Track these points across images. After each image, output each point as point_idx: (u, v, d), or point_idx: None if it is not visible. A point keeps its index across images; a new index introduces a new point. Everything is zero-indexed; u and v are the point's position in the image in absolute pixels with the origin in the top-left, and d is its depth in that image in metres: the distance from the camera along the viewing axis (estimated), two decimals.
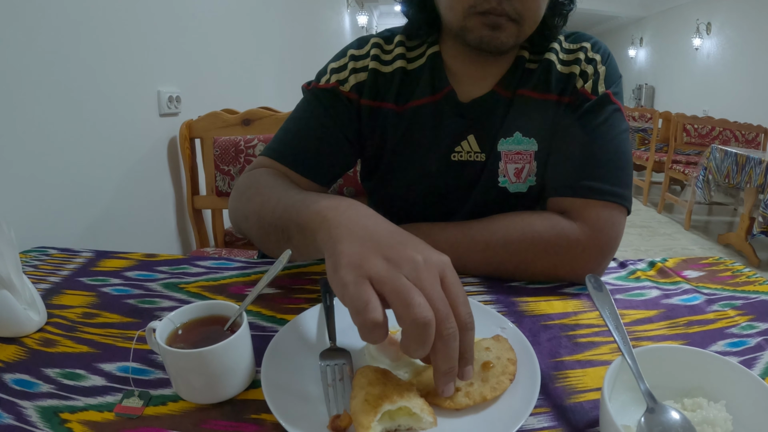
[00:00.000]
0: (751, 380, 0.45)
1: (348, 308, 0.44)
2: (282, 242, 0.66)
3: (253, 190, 0.78)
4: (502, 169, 0.86)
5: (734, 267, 0.90)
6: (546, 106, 0.85)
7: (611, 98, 0.83)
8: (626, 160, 0.82)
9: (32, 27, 1.20)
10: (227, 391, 0.51)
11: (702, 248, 3.87)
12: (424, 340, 0.42)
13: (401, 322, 0.42)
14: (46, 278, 0.81)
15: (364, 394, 0.45)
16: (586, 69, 0.85)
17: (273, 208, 0.69)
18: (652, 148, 5.04)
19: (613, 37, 10.52)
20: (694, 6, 7.14)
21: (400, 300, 0.43)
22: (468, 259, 0.79)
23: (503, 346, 0.55)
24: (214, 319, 0.54)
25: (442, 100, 0.86)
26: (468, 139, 0.87)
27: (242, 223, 0.79)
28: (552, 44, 0.87)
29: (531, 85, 0.85)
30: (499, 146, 0.86)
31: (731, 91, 6.30)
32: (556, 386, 0.54)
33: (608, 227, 0.78)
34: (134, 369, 0.56)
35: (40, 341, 0.63)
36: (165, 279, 0.80)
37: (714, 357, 0.48)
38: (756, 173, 3.24)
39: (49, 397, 0.52)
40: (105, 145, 1.51)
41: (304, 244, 0.61)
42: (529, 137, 0.86)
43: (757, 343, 0.64)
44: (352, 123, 0.88)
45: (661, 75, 8.34)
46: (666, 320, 0.70)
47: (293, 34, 3.31)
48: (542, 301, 0.74)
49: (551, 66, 0.85)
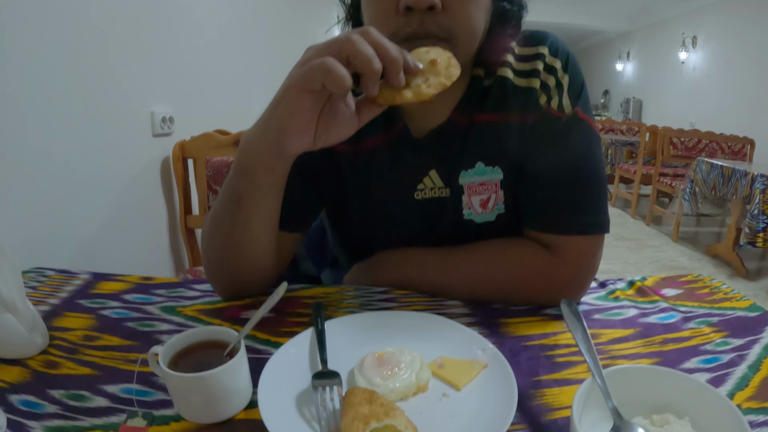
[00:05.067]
0: (714, 396, 0.48)
1: (305, 73, 0.54)
2: (233, 208, 0.71)
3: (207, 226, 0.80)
4: (466, 202, 0.83)
5: (712, 284, 0.92)
6: (508, 130, 0.79)
7: (580, 115, 0.77)
8: (601, 181, 0.79)
9: (28, 50, 1.24)
10: (226, 411, 0.54)
11: (690, 260, 3.92)
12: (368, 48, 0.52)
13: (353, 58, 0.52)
14: (45, 300, 0.83)
15: (354, 413, 0.49)
16: (547, 81, 0.77)
17: (214, 204, 0.76)
18: (639, 161, 5.12)
19: (601, 52, 10.66)
20: (680, 20, 7.25)
21: (338, 45, 0.53)
22: (452, 288, 0.82)
23: (441, 50, 0.61)
24: (213, 344, 0.57)
25: (397, 137, 0.82)
26: (430, 174, 0.83)
27: (209, 253, 0.80)
28: (505, 56, 0.80)
29: (488, 108, 0.79)
30: (461, 179, 0.82)
31: (717, 104, 6.39)
32: (534, 404, 0.57)
33: (587, 258, 0.79)
34: (138, 391, 0.59)
35: (44, 363, 0.65)
36: (162, 302, 0.83)
37: (679, 375, 0.51)
38: (742, 185, 3.30)
39: (56, 417, 0.54)
40: (100, 164, 1.54)
41: (248, 174, 0.67)
42: (493, 166, 0.81)
43: (731, 359, 0.66)
44: (308, 168, 0.82)
45: (649, 88, 8.45)
46: (642, 339, 0.72)
47: (284, 54, 3.34)
48: (523, 322, 0.76)
49: (506, 82, 0.79)
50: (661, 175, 4.82)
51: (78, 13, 1.41)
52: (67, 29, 1.37)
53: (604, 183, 0.80)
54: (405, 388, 0.56)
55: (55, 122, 1.35)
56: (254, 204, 0.70)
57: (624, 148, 5.82)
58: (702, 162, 3.82)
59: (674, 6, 7.26)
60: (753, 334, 0.73)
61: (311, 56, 0.55)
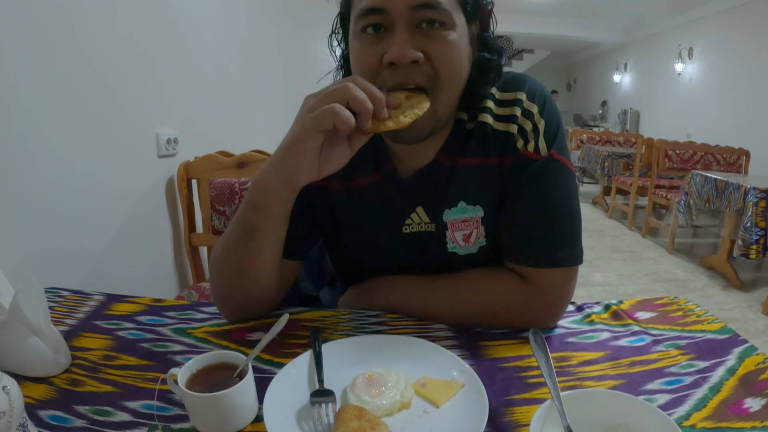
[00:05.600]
0: (660, 418, 0.54)
1: (317, 116, 0.65)
2: (246, 238, 0.79)
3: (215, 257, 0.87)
4: (450, 237, 0.88)
5: (687, 306, 0.96)
6: (488, 171, 0.85)
7: (555, 157, 0.82)
8: (574, 217, 0.84)
9: (35, 72, 1.29)
10: (236, 425, 0.62)
11: (685, 271, 3.94)
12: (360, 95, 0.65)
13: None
14: (63, 320, 0.90)
15: (345, 428, 0.57)
16: (524, 125, 0.83)
17: (226, 234, 0.84)
18: (635, 173, 5.17)
19: (598, 63, 10.76)
20: (676, 32, 7.29)
21: (339, 92, 0.65)
22: (437, 313, 0.89)
23: (417, 99, 0.73)
24: (225, 366, 0.65)
25: (386, 177, 0.89)
26: (417, 211, 0.89)
27: (218, 279, 0.87)
28: (485, 102, 0.85)
29: (470, 151, 0.85)
30: (445, 216, 0.87)
31: (713, 114, 6.41)
32: (504, 420, 0.64)
33: (560, 288, 0.85)
34: (157, 407, 0.66)
35: (68, 381, 0.72)
36: (174, 324, 0.89)
37: (629, 398, 0.58)
38: (735, 197, 3.33)
39: (84, 430, 0.61)
40: (108, 184, 1.60)
41: (262, 207, 0.76)
42: (474, 204, 0.87)
43: (693, 381, 0.71)
44: (305, 202, 0.87)
45: (646, 99, 8.49)
46: (610, 361, 0.77)
47: (285, 78, 3.38)
48: (501, 345, 0.82)
49: (486, 127, 0.84)
50: (657, 187, 4.85)
51: (84, 37, 1.46)
52: (74, 53, 1.42)
53: (578, 218, 0.85)
54: (391, 405, 0.63)
55: (63, 144, 1.39)
56: (266, 232, 0.78)
57: (621, 160, 5.84)
58: (696, 175, 3.85)
59: (670, 18, 7.32)
60: (718, 357, 0.77)
61: (317, 103, 0.67)
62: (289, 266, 0.91)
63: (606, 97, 10.43)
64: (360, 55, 0.78)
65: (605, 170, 5.84)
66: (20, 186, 1.26)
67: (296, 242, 0.90)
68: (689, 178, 3.94)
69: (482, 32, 0.83)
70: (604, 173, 5.89)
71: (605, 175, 5.94)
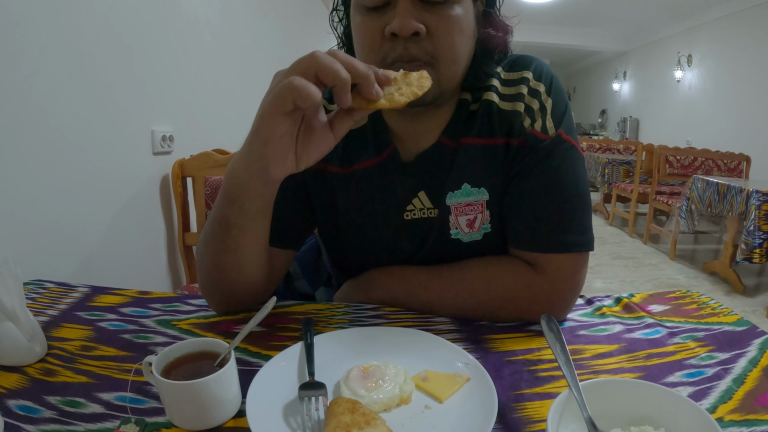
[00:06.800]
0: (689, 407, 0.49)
1: (275, 97, 0.56)
2: (222, 234, 0.72)
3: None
4: (453, 222, 0.84)
5: (700, 300, 0.93)
6: (493, 152, 0.81)
7: (563, 137, 0.79)
8: (584, 200, 0.80)
9: (30, 68, 1.26)
10: (216, 419, 0.56)
11: (687, 277, 3.91)
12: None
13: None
14: (44, 311, 0.86)
15: (336, 422, 0.51)
16: (531, 104, 0.80)
17: (205, 226, 0.77)
18: (636, 180, 5.13)
19: (598, 72, 10.77)
20: (675, 39, 7.32)
21: (304, 63, 0.55)
22: (439, 304, 0.83)
23: (416, 75, 0.62)
24: (205, 355, 0.59)
25: (387, 160, 0.85)
26: (419, 195, 0.85)
27: (201, 271, 0.81)
28: (490, 81, 0.82)
29: (475, 131, 0.81)
30: (448, 200, 0.83)
31: (713, 121, 6.43)
32: (515, 416, 0.59)
33: (571, 276, 0.80)
34: (131, 398, 0.61)
35: (41, 371, 0.67)
36: (158, 316, 0.85)
37: (655, 387, 0.53)
38: (737, 201, 3.31)
39: (52, 422, 0.56)
40: (101, 180, 1.57)
41: (236, 202, 0.68)
42: (479, 187, 0.83)
43: (715, 373, 0.67)
44: (300, 187, 0.86)
45: (645, 107, 8.51)
46: (626, 354, 0.73)
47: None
48: (508, 338, 0.78)
49: (492, 106, 0.81)
50: (658, 193, 4.83)
51: (79, 32, 1.44)
52: (69, 48, 1.40)
53: (588, 202, 0.81)
54: (388, 399, 0.58)
55: (58, 138, 1.37)
56: (242, 228, 0.72)
57: (621, 167, 5.82)
58: (697, 179, 3.84)
59: (669, 26, 7.36)
60: (739, 348, 0.74)
61: (279, 80, 0.57)
62: (280, 255, 0.86)
63: (605, 106, 10.45)
64: (362, 28, 0.74)
65: (605, 177, 5.82)
66: (11, 178, 1.23)
67: (287, 229, 0.85)
68: (691, 183, 3.93)
69: (487, 8, 0.80)
70: (605, 180, 5.87)
71: (605, 183, 5.91)
